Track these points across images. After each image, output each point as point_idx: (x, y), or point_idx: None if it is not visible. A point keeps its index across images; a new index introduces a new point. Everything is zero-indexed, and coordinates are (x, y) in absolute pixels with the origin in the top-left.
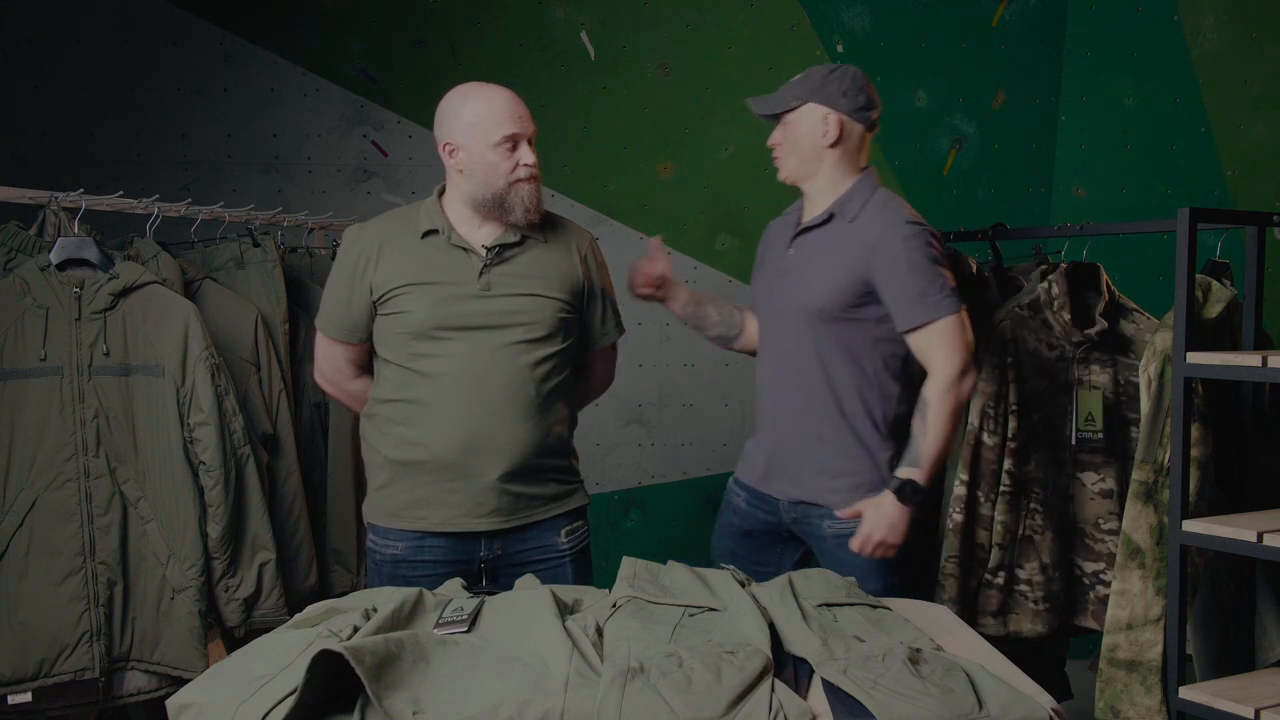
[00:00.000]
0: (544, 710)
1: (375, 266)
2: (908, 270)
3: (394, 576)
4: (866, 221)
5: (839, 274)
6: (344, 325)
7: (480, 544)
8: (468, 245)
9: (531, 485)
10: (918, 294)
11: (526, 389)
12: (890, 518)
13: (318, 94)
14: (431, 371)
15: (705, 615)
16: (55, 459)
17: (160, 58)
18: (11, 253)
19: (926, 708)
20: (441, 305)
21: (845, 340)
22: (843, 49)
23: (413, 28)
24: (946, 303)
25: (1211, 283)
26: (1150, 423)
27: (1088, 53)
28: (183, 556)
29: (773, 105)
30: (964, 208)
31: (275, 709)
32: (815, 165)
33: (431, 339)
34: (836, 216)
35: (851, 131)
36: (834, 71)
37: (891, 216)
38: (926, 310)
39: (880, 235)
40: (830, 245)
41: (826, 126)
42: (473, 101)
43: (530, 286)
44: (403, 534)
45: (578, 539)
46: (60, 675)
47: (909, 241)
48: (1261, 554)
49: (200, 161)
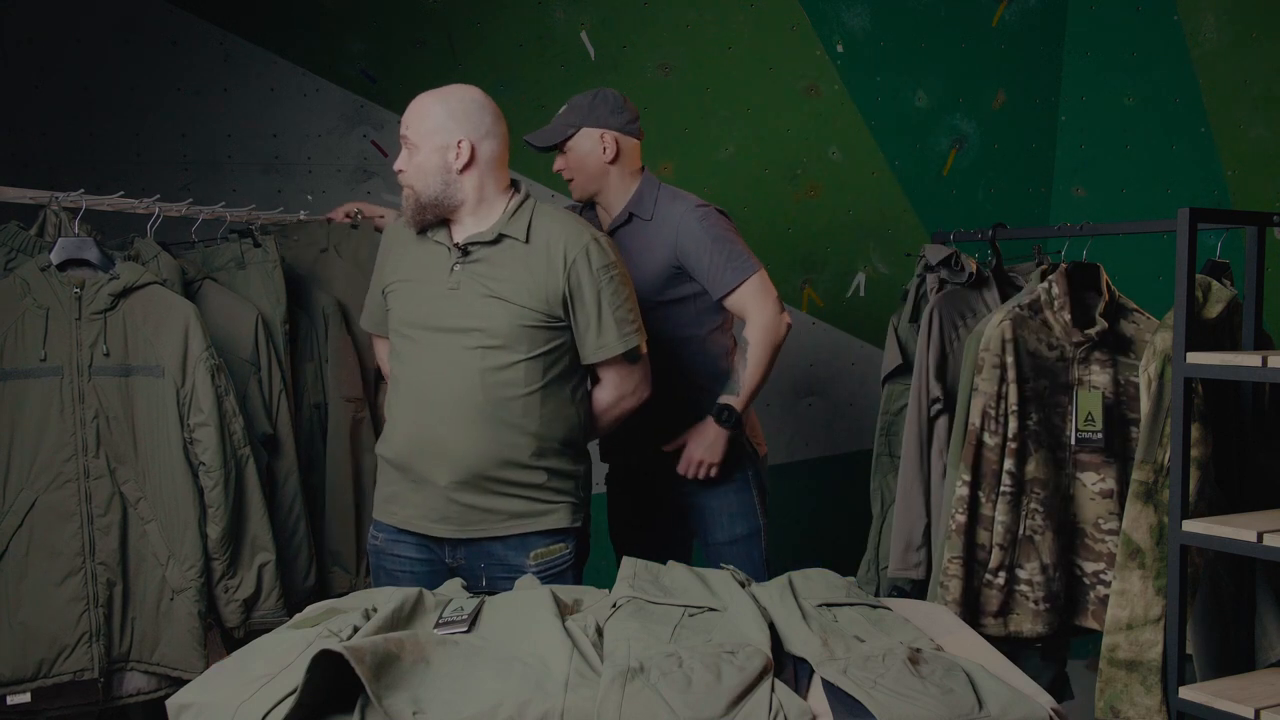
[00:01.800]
0: (544, 710)
1: (386, 261)
2: (711, 244)
3: (378, 567)
4: (662, 214)
5: (655, 264)
6: (373, 318)
7: (445, 549)
8: (446, 241)
9: (486, 497)
10: (725, 261)
11: (475, 396)
12: (709, 439)
13: (318, 94)
14: (398, 370)
15: (705, 615)
16: (55, 459)
17: (160, 58)
18: (12, 253)
19: (926, 708)
20: (413, 303)
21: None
22: (843, 49)
23: (413, 28)
24: (750, 264)
25: (1211, 283)
26: (1150, 423)
27: (1088, 53)
28: (182, 557)
29: (552, 137)
30: (964, 208)
31: (275, 709)
32: (603, 180)
33: (404, 336)
34: (635, 216)
35: (626, 144)
36: (596, 96)
37: (681, 205)
38: (737, 274)
39: (678, 223)
40: (636, 242)
41: (605, 145)
42: (498, 119)
43: (495, 290)
44: (383, 526)
45: (551, 563)
46: (60, 676)
47: (704, 221)
48: (1261, 554)
49: (200, 161)
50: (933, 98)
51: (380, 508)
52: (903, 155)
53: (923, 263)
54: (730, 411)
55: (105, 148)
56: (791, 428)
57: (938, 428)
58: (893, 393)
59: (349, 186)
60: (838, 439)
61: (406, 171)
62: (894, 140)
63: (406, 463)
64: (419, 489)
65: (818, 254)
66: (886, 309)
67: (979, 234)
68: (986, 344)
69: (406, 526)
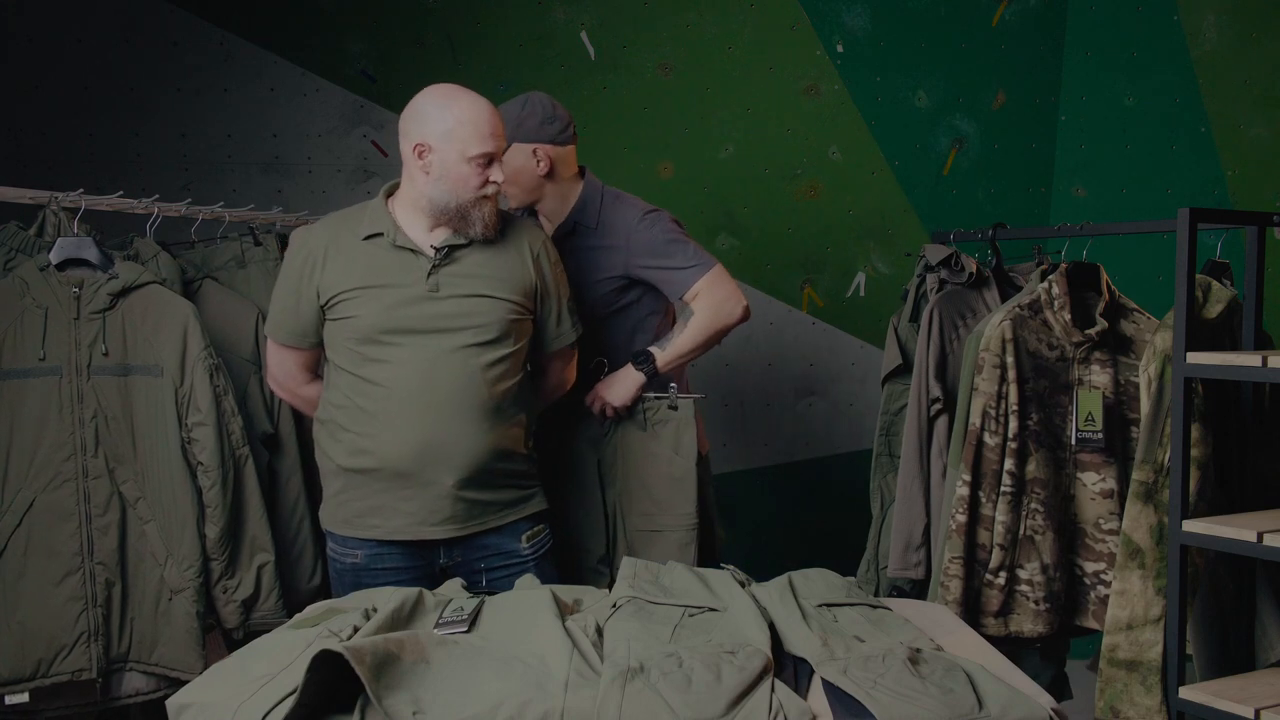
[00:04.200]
0: (544, 710)
1: (322, 270)
2: (665, 247)
3: (356, 585)
4: (608, 222)
5: (606, 275)
6: (293, 330)
7: (439, 551)
8: (415, 247)
9: (487, 491)
10: (681, 263)
11: (479, 393)
12: (618, 379)
13: (318, 94)
14: (381, 377)
15: (705, 615)
16: (54, 459)
17: (160, 58)
18: (11, 253)
19: (926, 708)
20: (388, 309)
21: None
22: (843, 49)
23: (413, 28)
24: (706, 259)
25: (1211, 283)
26: (1150, 423)
27: (1088, 53)
28: (181, 557)
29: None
30: (964, 208)
31: (275, 709)
32: (539, 191)
33: (379, 344)
34: (580, 225)
35: (560, 155)
36: (525, 107)
37: (628, 213)
38: (696, 272)
39: (629, 233)
40: (582, 253)
41: (537, 159)
42: (456, 109)
43: (479, 287)
44: (361, 542)
45: (539, 543)
46: (58, 676)
47: (653, 228)
48: (1261, 554)
49: (200, 161)
50: (933, 98)
51: (354, 523)
52: (903, 155)
53: (923, 263)
54: (648, 358)
55: (105, 148)
56: (791, 428)
57: (938, 428)
58: (893, 393)
59: (349, 186)
60: (838, 439)
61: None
62: (894, 140)
63: (406, 469)
64: (418, 494)
65: (818, 254)
66: (886, 309)
67: (979, 234)
68: (986, 344)
69: (394, 537)
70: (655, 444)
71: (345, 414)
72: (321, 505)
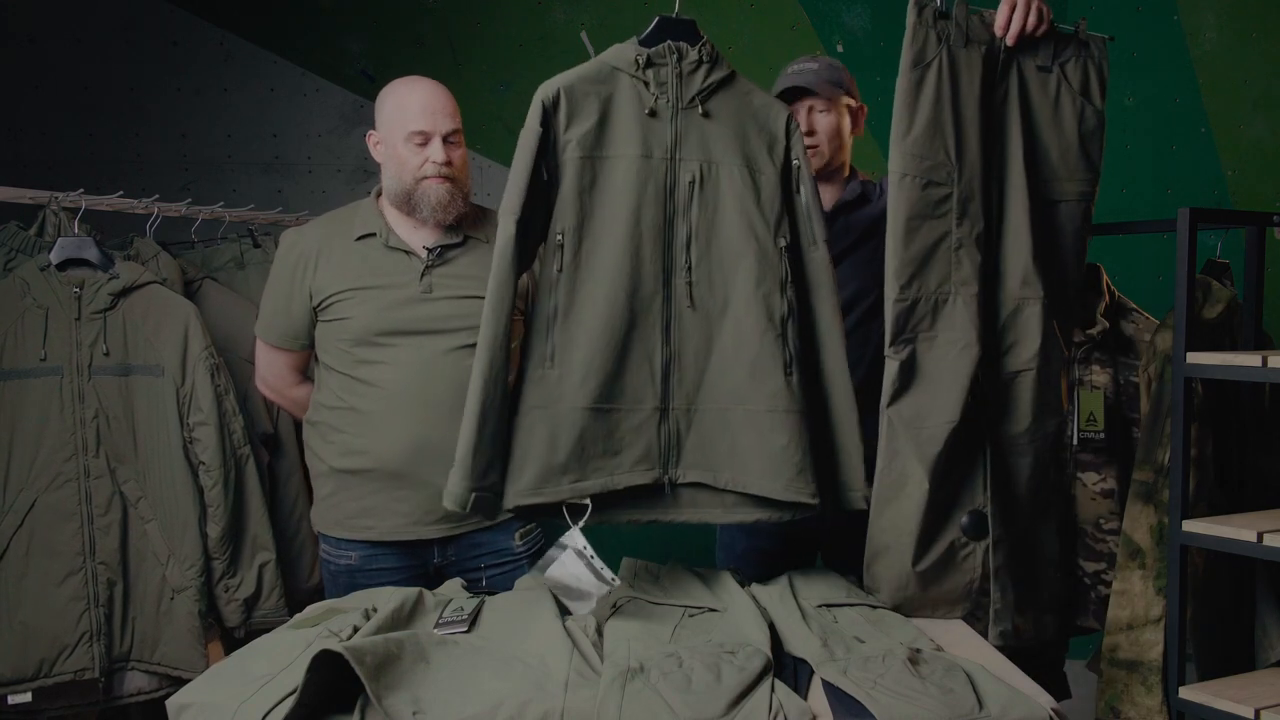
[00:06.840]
0: (544, 710)
1: (314, 271)
2: None
3: (350, 586)
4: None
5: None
6: (284, 331)
7: (433, 551)
8: (408, 247)
9: None
10: None
11: None
12: None
13: (318, 94)
14: (374, 378)
15: (705, 615)
16: (55, 459)
17: (160, 58)
18: (11, 253)
19: (926, 708)
20: (382, 310)
21: None
22: (843, 49)
23: (413, 28)
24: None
25: (1211, 283)
26: (1150, 423)
27: None
28: (182, 556)
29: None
30: None
31: (275, 709)
32: (844, 154)
33: (373, 345)
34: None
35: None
36: (834, 65)
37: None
38: None
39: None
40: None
41: (855, 119)
42: (395, 94)
43: (473, 288)
44: (354, 544)
45: (532, 540)
46: (60, 675)
47: None
48: (1261, 554)
49: (200, 161)
50: None
51: (347, 525)
52: None
53: None
54: None
55: (105, 148)
56: None
57: None
58: None
59: (349, 186)
60: None
61: (457, 165)
62: None
63: (403, 469)
64: (411, 495)
65: None
66: None
67: None
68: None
69: (387, 538)
70: None
71: (337, 415)
72: (313, 508)
